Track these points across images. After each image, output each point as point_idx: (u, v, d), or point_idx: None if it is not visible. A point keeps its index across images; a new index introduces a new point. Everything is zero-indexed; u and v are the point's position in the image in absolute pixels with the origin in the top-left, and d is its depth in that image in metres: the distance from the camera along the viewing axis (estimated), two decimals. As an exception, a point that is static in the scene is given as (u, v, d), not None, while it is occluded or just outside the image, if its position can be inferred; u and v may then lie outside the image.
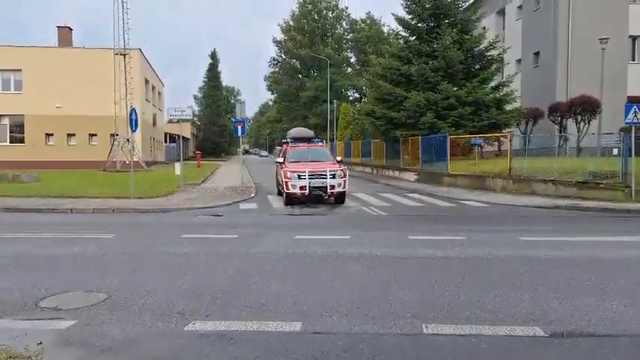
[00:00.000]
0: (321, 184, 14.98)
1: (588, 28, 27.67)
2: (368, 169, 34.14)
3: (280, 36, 68.71)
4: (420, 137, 25.10)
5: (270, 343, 4.31)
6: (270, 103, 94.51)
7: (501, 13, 37.73)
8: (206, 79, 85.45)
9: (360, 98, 64.67)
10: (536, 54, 32.38)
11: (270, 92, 77.18)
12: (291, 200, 15.21)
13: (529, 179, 17.74)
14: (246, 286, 6.11)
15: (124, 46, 35.02)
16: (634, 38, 30.35)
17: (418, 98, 25.35)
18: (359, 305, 5.33)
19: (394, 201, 16.73)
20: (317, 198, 15.44)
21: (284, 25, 68.06)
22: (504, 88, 27.59)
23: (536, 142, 24.48)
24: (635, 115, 14.90)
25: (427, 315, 4.98)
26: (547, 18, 30.62)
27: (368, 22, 69.20)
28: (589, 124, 25.17)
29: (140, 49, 39.78)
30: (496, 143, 26.25)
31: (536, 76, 31.93)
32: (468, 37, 27.67)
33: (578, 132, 25.01)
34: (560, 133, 26.14)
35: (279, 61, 70.62)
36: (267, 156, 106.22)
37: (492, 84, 27.93)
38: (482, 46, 27.79)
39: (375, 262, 7.54)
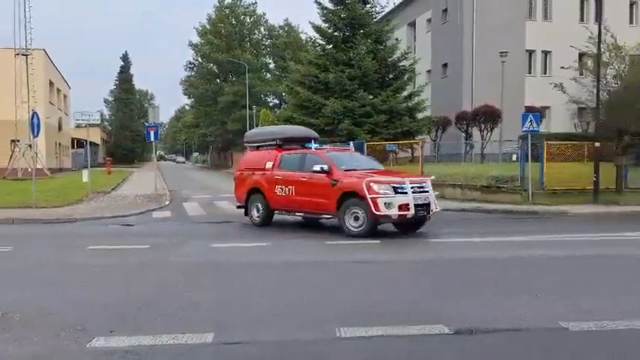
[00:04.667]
0: (424, 201, 10.42)
1: (490, 42, 29.68)
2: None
3: (197, 39, 67.27)
4: (338, 144, 25.63)
5: (181, 354, 4.20)
6: (187, 107, 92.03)
7: (412, 25, 39.49)
8: (117, 82, 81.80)
9: (280, 104, 64.76)
10: (445, 65, 34.22)
11: (186, 96, 75.25)
12: (375, 227, 10.19)
13: (439, 184, 18.59)
14: (158, 299, 5.91)
15: (26, 46, 32.67)
16: (530, 52, 32.97)
17: (336, 105, 25.88)
18: (275, 313, 5.33)
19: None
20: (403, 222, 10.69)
21: (200, 28, 66.69)
22: (416, 98, 28.89)
23: (446, 148, 25.90)
24: (531, 124, 16.13)
25: (343, 319, 5.04)
26: (454, 32, 32.49)
27: (286, 28, 69.51)
28: (491, 131, 27.00)
29: (44, 50, 37.35)
30: (409, 150, 27.40)
31: (445, 87, 33.74)
32: (382, 47, 28.72)
33: (482, 139, 26.72)
34: (466, 140, 27.81)
35: (195, 65, 69.03)
36: (184, 162, 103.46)
37: (405, 93, 29.18)
38: (395, 57, 28.94)
39: (293, 268, 7.58)
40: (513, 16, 31.44)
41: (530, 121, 16.09)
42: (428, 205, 10.43)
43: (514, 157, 21.43)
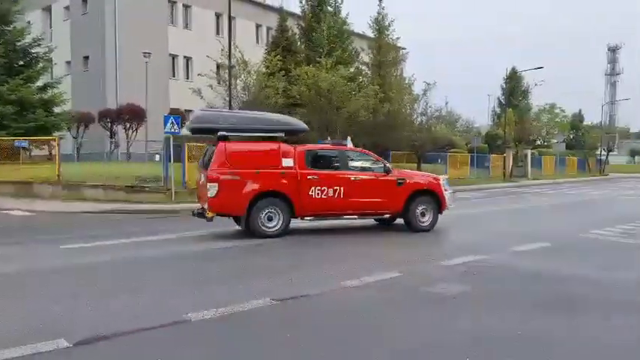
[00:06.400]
0: None
1: (134, 40, 29.60)
2: None
3: None
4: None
5: None
6: None
7: (48, 10, 35.71)
8: None
9: None
10: (87, 58, 32.29)
11: None
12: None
13: (79, 185, 17.53)
14: None
15: None
16: (173, 57, 34.37)
17: (-57, 91, 21.16)
18: None
19: None
20: None
21: None
22: (53, 90, 26.31)
23: (89, 146, 24.54)
24: (173, 126, 16.87)
25: None
26: (95, 24, 30.97)
27: None
28: (137, 131, 26.99)
29: None
30: (46, 147, 24.73)
31: (87, 81, 31.84)
32: (9, 29, 25.13)
33: (128, 138, 26.45)
34: (111, 138, 26.98)
35: None
36: None
37: (39, 83, 26.26)
38: (26, 42, 25.68)
39: None
40: (156, 19, 32.11)
41: (172, 123, 16.81)
42: None
43: (157, 158, 21.96)
